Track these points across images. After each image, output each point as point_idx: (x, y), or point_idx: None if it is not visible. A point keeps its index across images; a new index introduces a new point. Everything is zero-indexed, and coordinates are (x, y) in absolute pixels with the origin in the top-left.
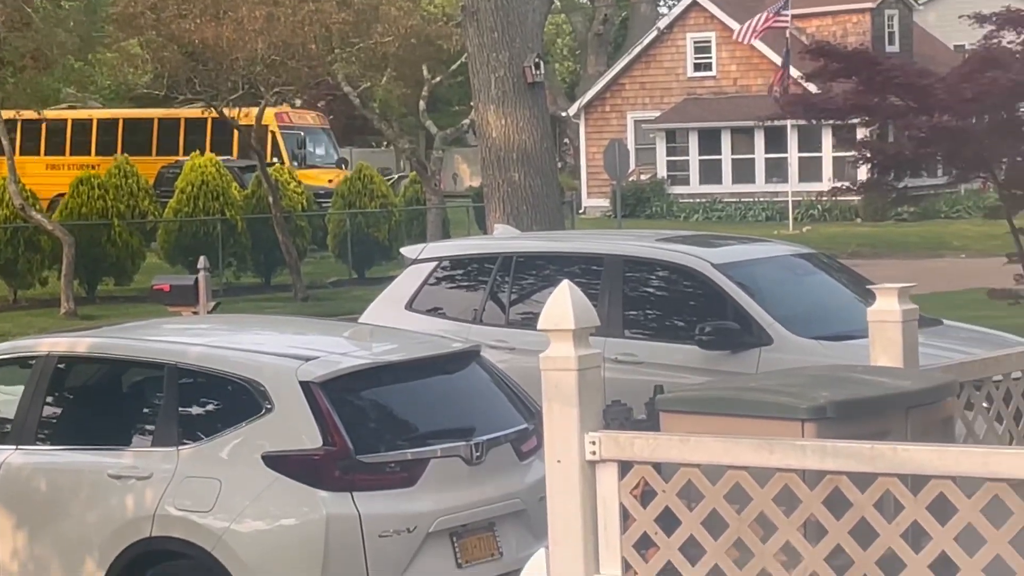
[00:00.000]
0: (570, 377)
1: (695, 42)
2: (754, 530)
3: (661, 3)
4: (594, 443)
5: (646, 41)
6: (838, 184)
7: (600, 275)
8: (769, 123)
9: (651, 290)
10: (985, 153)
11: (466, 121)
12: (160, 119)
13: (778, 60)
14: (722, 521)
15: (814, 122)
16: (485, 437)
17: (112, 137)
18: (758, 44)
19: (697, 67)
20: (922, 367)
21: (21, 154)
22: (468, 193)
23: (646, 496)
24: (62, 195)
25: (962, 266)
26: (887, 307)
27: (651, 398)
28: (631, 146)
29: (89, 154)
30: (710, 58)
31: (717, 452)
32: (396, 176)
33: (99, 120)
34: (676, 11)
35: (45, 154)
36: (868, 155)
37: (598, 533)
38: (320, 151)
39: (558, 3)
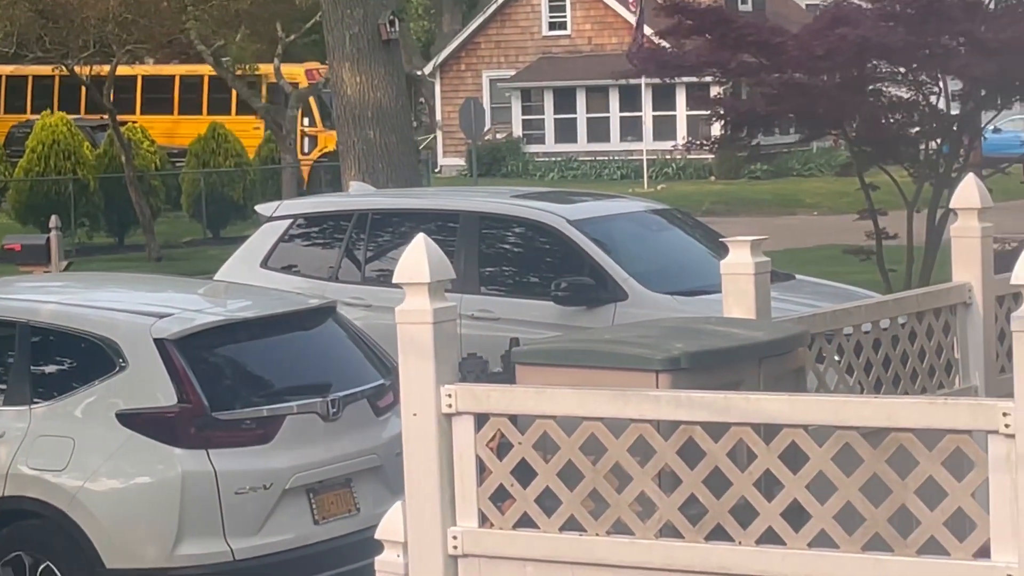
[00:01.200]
0: (425, 330)
1: (550, 1)
2: (609, 481)
3: None
4: (450, 396)
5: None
6: (692, 139)
7: (456, 232)
8: (624, 82)
9: (507, 246)
10: (836, 110)
11: (321, 79)
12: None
13: (633, 19)
14: (578, 472)
15: (668, 80)
16: (341, 393)
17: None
18: (612, 2)
19: (552, 26)
20: (775, 320)
21: None
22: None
23: (502, 448)
24: None
25: (815, 223)
26: (740, 259)
27: (507, 351)
28: (486, 105)
29: None
30: (564, 17)
31: (572, 404)
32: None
33: None
34: None
35: None
36: (721, 112)
37: (454, 486)
38: None
39: None
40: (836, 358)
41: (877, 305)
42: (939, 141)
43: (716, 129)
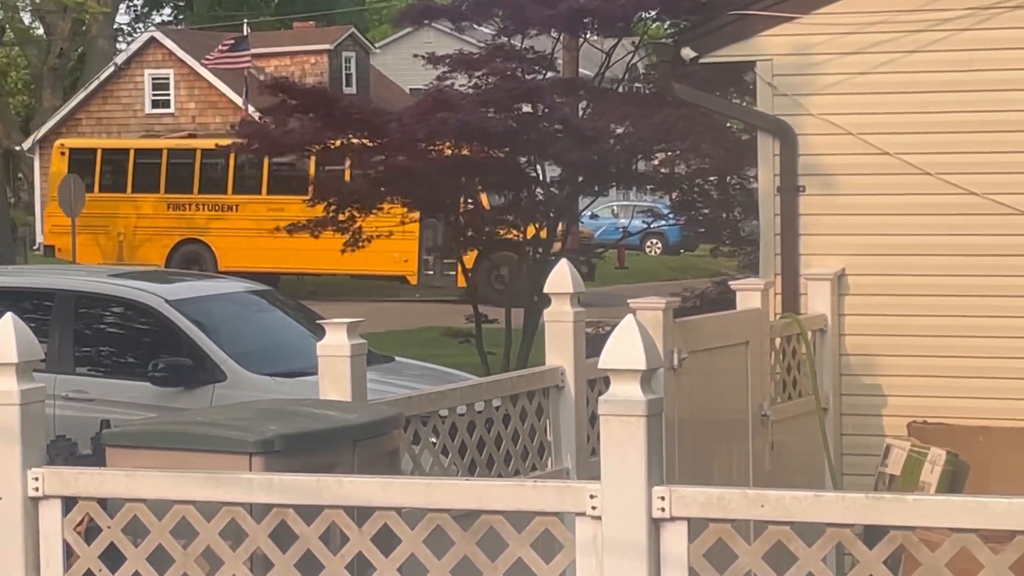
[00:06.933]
0: (11, 412)
1: (153, 79)
2: (200, 565)
3: (119, 39)
4: (37, 479)
5: (103, 76)
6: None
7: (51, 311)
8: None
9: (104, 326)
10: (438, 194)
11: None
12: None
13: (238, 99)
14: (169, 557)
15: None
16: None
17: None
18: (216, 82)
19: (155, 103)
20: (370, 402)
21: None
22: None
23: (91, 532)
24: None
25: (417, 306)
26: (336, 341)
27: (97, 433)
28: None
29: None
30: (168, 95)
31: (164, 487)
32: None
33: None
34: (134, 47)
35: None
36: (324, 193)
37: (40, 571)
38: None
39: (11, 35)
40: (432, 440)
41: (472, 388)
42: (537, 226)
43: (319, 210)
